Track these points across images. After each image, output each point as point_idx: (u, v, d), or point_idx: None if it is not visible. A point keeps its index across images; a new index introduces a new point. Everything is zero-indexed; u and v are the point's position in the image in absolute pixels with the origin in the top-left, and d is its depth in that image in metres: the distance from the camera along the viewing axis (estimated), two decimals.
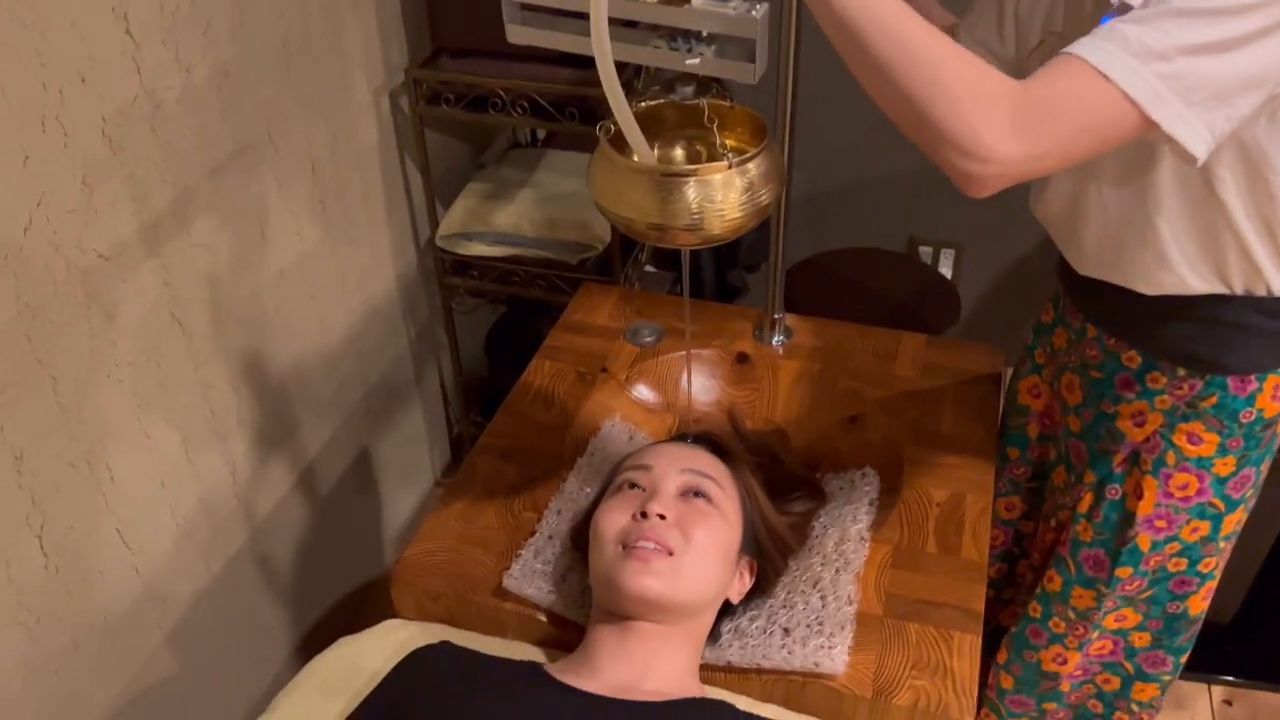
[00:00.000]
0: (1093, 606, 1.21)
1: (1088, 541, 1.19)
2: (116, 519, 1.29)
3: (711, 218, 0.87)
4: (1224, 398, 1.05)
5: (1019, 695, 1.34)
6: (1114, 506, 1.16)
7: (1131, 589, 1.19)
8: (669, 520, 0.98)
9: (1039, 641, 1.28)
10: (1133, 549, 1.15)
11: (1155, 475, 1.11)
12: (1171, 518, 1.12)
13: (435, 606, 1.15)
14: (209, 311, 1.39)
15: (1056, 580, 1.23)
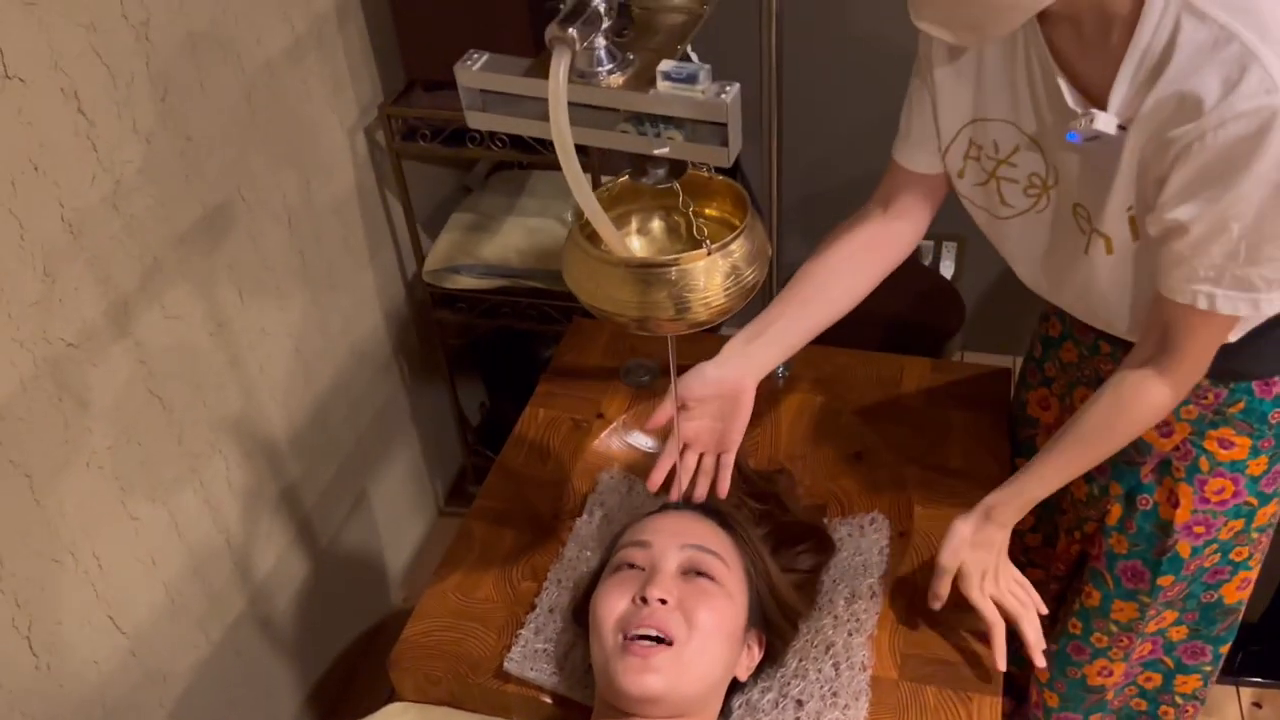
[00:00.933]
0: (1136, 618, 1.18)
1: (1123, 554, 1.15)
2: (107, 606, 1.26)
3: (697, 306, 0.83)
4: (1251, 402, 1.03)
5: (1064, 712, 1.31)
6: (1147, 517, 1.12)
7: (1173, 594, 1.17)
8: (670, 604, 0.94)
9: (1082, 658, 1.25)
10: (1174, 557, 1.12)
11: (1190, 482, 1.08)
12: (1209, 522, 1.10)
13: (436, 689, 1.11)
14: (188, 383, 1.35)
15: (1095, 595, 1.20)
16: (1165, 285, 0.88)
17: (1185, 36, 0.77)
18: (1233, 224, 0.80)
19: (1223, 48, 0.75)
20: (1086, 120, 0.84)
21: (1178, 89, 0.78)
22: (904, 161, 1.07)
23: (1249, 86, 0.74)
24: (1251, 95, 0.74)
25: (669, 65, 0.74)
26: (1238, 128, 0.75)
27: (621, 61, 0.78)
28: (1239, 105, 0.74)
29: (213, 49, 1.31)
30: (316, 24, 1.53)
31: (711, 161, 0.77)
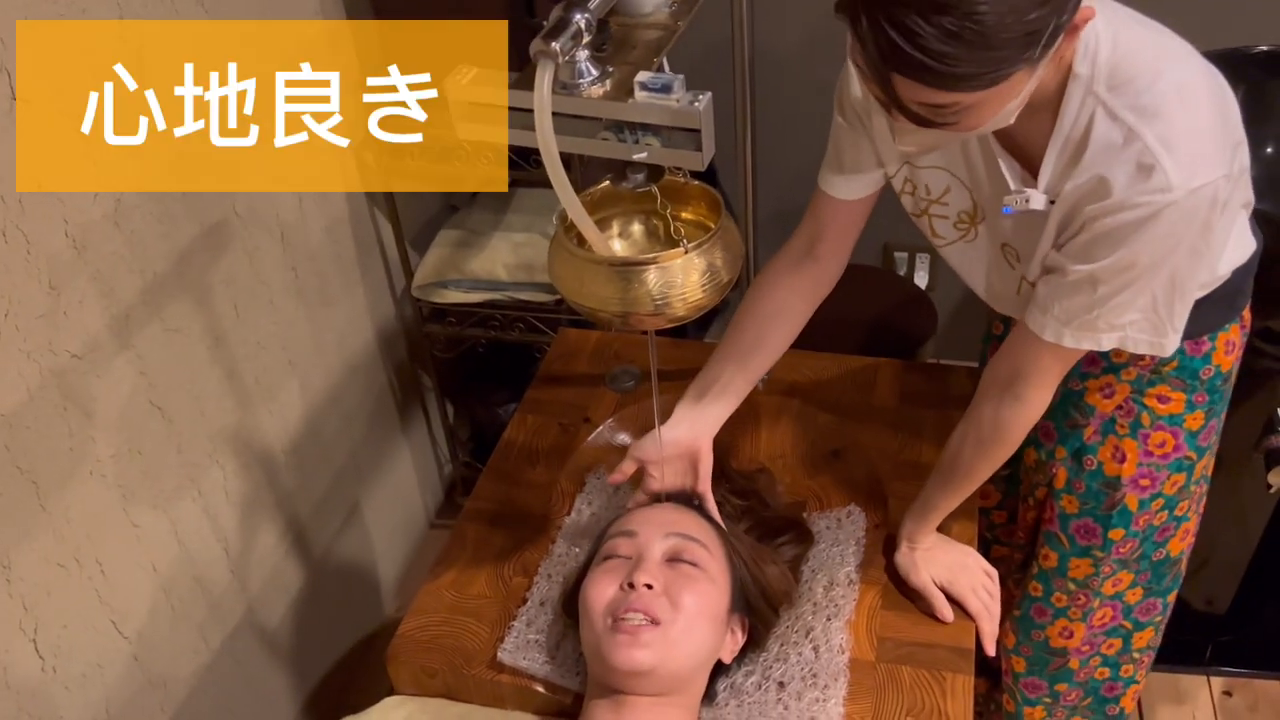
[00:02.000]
0: (1091, 574, 1.25)
1: (1075, 513, 1.23)
2: (111, 611, 1.29)
3: (675, 301, 0.88)
4: (1183, 360, 1.12)
5: (1031, 678, 1.38)
6: (1094, 475, 1.20)
7: (1125, 551, 1.23)
8: (656, 589, 0.99)
9: (1044, 619, 1.32)
10: (1123, 510, 1.20)
11: (1134, 437, 1.16)
12: (1154, 475, 1.18)
13: (432, 682, 1.15)
14: (188, 394, 1.39)
15: (1052, 557, 1.27)
16: (1031, 320, 1.00)
17: (1099, 131, 0.89)
18: (1089, 280, 0.94)
19: (1130, 146, 0.87)
20: (1021, 199, 0.95)
21: (1095, 173, 0.90)
22: (835, 193, 1.11)
23: (1150, 184, 0.87)
24: (1150, 192, 0.87)
25: (645, 76, 0.80)
26: (1134, 214, 0.88)
27: (601, 74, 0.83)
28: (1138, 198, 0.88)
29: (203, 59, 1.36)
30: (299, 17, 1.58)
31: (687, 165, 0.83)
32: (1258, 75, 1.48)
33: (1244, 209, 1.06)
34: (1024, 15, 0.75)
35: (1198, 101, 0.89)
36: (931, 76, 0.76)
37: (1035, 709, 1.40)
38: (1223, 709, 1.74)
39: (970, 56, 0.75)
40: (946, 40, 0.74)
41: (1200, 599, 1.79)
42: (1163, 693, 1.77)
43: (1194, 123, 0.88)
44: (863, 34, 0.77)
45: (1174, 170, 0.86)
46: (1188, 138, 0.87)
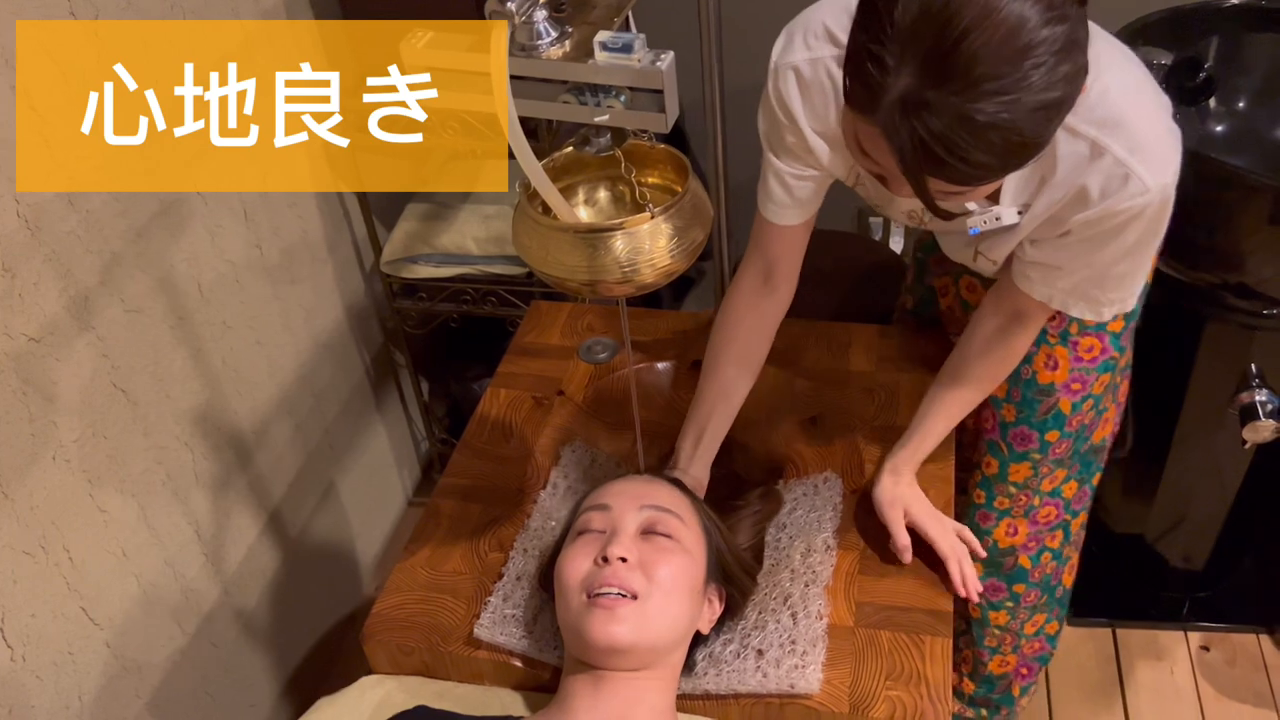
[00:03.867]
0: (1030, 475, 1.32)
1: (1013, 421, 1.29)
2: (80, 598, 1.27)
3: (644, 267, 0.87)
4: None
5: (990, 580, 1.42)
6: (1029, 385, 1.25)
7: (1061, 451, 1.30)
8: (631, 562, 0.98)
9: (989, 524, 1.37)
10: (1057, 414, 1.26)
11: (1065, 345, 1.22)
12: (1084, 378, 1.24)
13: (409, 660, 1.14)
14: (152, 376, 1.36)
15: (993, 464, 1.33)
16: (1028, 287, 1.07)
17: (1064, 150, 0.93)
18: (1088, 269, 1.02)
19: (1099, 159, 0.92)
20: (991, 218, 0.98)
21: (1070, 188, 0.95)
22: (780, 220, 1.14)
23: (1128, 191, 0.92)
24: (1130, 197, 0.93)
25: (606, 36, 0.78)
26: (1119, 218, 0.95)
27: (561, 34, 0.81)
28: (1121, 205, 0.93)
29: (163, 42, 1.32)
30: (265, 15, 1.54)
31: (651, 128, 0.81)
32: (1231, 28, 1.47)
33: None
34: (1054, 118, 0.77)
35: (1144, 102, 0.95)
36: (968, 179, 0.79)
37: (999, 613, 1.45)
38: (1201, 663, 1.75)
39: (1009, 163, 0.79)
40: (990, 152, 0.75)
41: (1178, 556, 1.81)
42: (1141, 649, 1.79)
43: (1149, 124, 0.93)
44: (899, 142, 0.76)
45: (1147, 174, 0.91)
46: (1149, 140, 0.92)
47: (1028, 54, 0.71)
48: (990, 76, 0.71)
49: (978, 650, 1.50)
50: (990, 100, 0.72)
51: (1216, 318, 1.46)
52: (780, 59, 1.01)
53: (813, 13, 1.00)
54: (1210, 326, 1.47)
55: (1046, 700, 1.74)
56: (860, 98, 0.78)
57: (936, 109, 0.73)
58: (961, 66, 0.71)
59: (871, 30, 0.74)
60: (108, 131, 0.99)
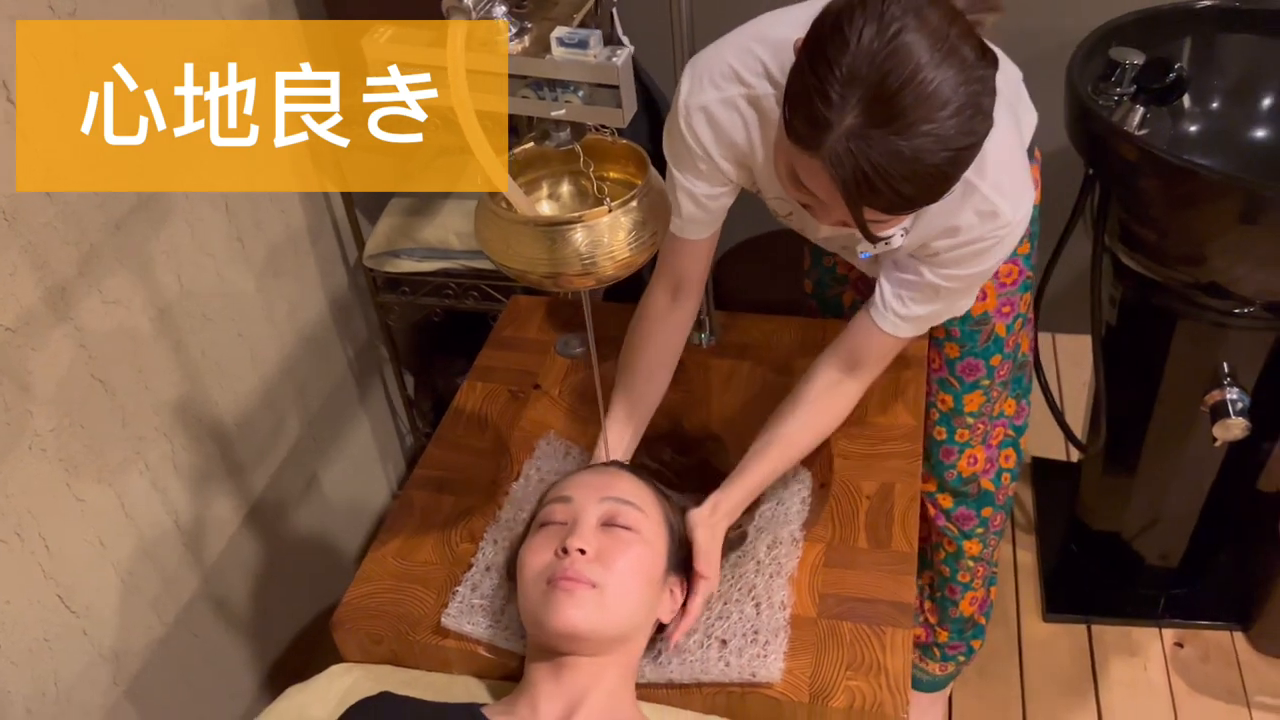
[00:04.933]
0: (984, 402, 1.43)
1: (958, 356, 1.39)
2: (57, 585, 1.28)
3: (603, 260, 0.88)
4: None
5: (959, 509, 1.52)
6: (965, 320, 1.35)
7: (1004, 373, 1.41)
8: (590, 554, 0.99)
9: (952, 458, 1.47)
10: (996, 339, 1.37)
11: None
12: (1011, 300, 1.36)
13: (378, 649, 1.16)
14: (131, 367, 1.37)
15: (948, 400, 1.43)
16: (880, 319, 1.15)
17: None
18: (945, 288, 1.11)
19: (970, 197, 1.03)
20: (881, 244, 1.05)
21: (944, 223, 1.05)
22: (692, 236, 1.20)
23: (994, 225, 1.05)
24: (995, 229, 1.05)
25: (562, 32, 0.79)
26: (982, 245, 1.06)
27: (520, 30, 0.82)
28: (986, 235, 1.05)
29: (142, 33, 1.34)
30: (248, 14, 1.55)
31: (608, 122, 0.82)
32: (1204, 29, 1.48)
33: (1018, 78, 1.22)
34: (968, 164, 0.90)
35: (1010, 147, 1.06)
36: (897, 208, 0.89)
37: (972, 541, 1.55)
38: (1174, 660, 1.77)
39: (931, 194, 0.89)
40: (915, 185, 0.86)
41: (1154, 553, 1.82)
42: (1116, 645, 1.80)
43: (1013, 161, 1.06)
44: (841, 174, 0.86)
45: (1008, 209, 1.04)
46: (1011, 177, 1.05)
47: (947, 106, 0.83)
48: (921, 120, 0.83)
49: (950, 589, 1.60)
50: (919, 140, 0.83)
51: (1188, 316, 1.48)
52: (689, 100, 1.07)
53: (714, 54, 1.07)
54: (1182, 324, 1.49)
55: (1020, 695, 1.75)
56: (804, 133, 0.86)
57: (876, 144, 0.83)
58: (898, 111, 0.83)
59: (820, 74, 0.84)
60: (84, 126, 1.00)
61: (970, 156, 0.89)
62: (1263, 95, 1.50)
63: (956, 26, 0.84)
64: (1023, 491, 2.07)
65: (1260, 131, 1.51)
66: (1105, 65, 1.44)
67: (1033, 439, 2.13)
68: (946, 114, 0.83)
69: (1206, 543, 1.79)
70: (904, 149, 0.83)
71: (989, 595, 1.64)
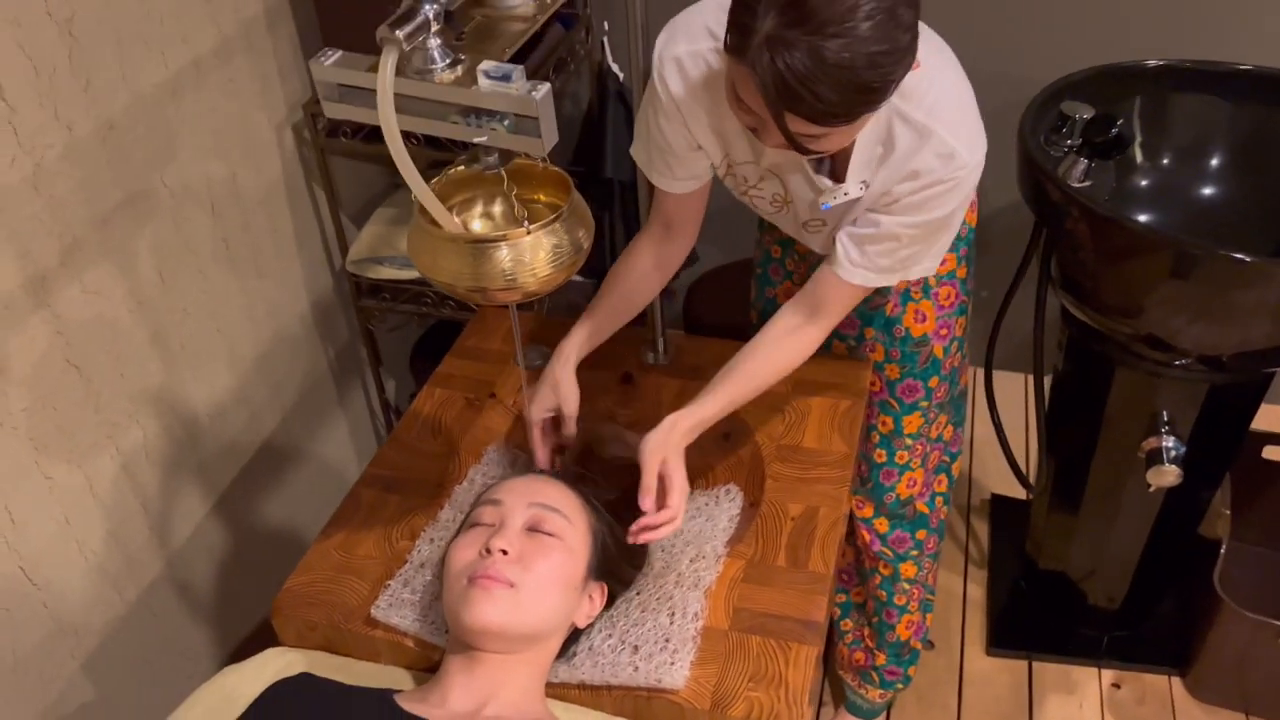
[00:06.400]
0: (922, 423, 1.49)
1: (898, 378, 1.46)
2: (19, 558, 1.35)
3: (525, 276, 0.94)
4: None
5: (894, 533, 1.58)
6: (905, 341, 1.43)
7: (941, 394, 1.48)
8: (511, 555, 1.05)
9: (891, 480, 1.53)
10: (934, 361, 1.44)
11: (928, 297, 1.41)
12: (948, 323, 1.43)
13: (314, 635, 1.21)
14: (108, 355, 1.44)
15: (888, 421, 1.49)
16: (845, 272, 1.19)
17: (899, 134, 1.10)
18: (906, 236, 1.15)
19: (928, 141, 1.08)
20: (840, 193, 1.13)
21: (904, 167, 1.10)
22: (669, 189, 1.27)
23: (952, 165, 1.09)
24: (953, 171, 1.10)
25: (488, 65, 0.86)
26: (942, 187, 1.11)
27: (453, 61, 0.89)
28: (945, 177, 1.10)
29: (136, 45, 1.42)
30: (245, 27, 1.63)
31: (530, 151, 0.89)
32: (1153, 89, 1.54)
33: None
34: (890, 74, 0.94)
35: (960, 90, 1.12)
36: (820, 115, 0.93)
37: (907, 564, 1.60)
38: (1110, 701, 1.80)
39: (851, 104, 0.93)
40: (835, 89, 0.91)
41: (1099, 595, 1.86)
42: (1054, 683, 1.84)
43: (965, 109, 1.11)
44: (763, 77, 0.91)
45: (965, 151, 1.09)
46: (966, 122, 1.10)
47: (858, 10, 0.88)
48: (833, 21, 0.88)
49: (886, 613, 1.64)
50: (833, 40, 0.88)
51: (1127, 364, 1.52)
52: (663, 51, 1.15)
53: (692, 13, 1.15)
54: (1120, 372, 1.53)
55: None
56: (735, 43, 0.93)
57: (792, 45, 0.89)
58: (809, 12, 0.88)
59: None
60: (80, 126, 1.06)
61: (892, 64, 0.92)
62: (1211, 154, 1.55)
63: None
64: (979, 527, 2.12)
65: (1208, 189, 1.56)
66: (1057, 117, 1.49)
67: (992, 476, 2.17)
68: (860, 16, 0.88)
69: (1149, 587, 1.82)
70: (820, 49, 0.88)
71: (924, 620, 1.69)
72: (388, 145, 0.84)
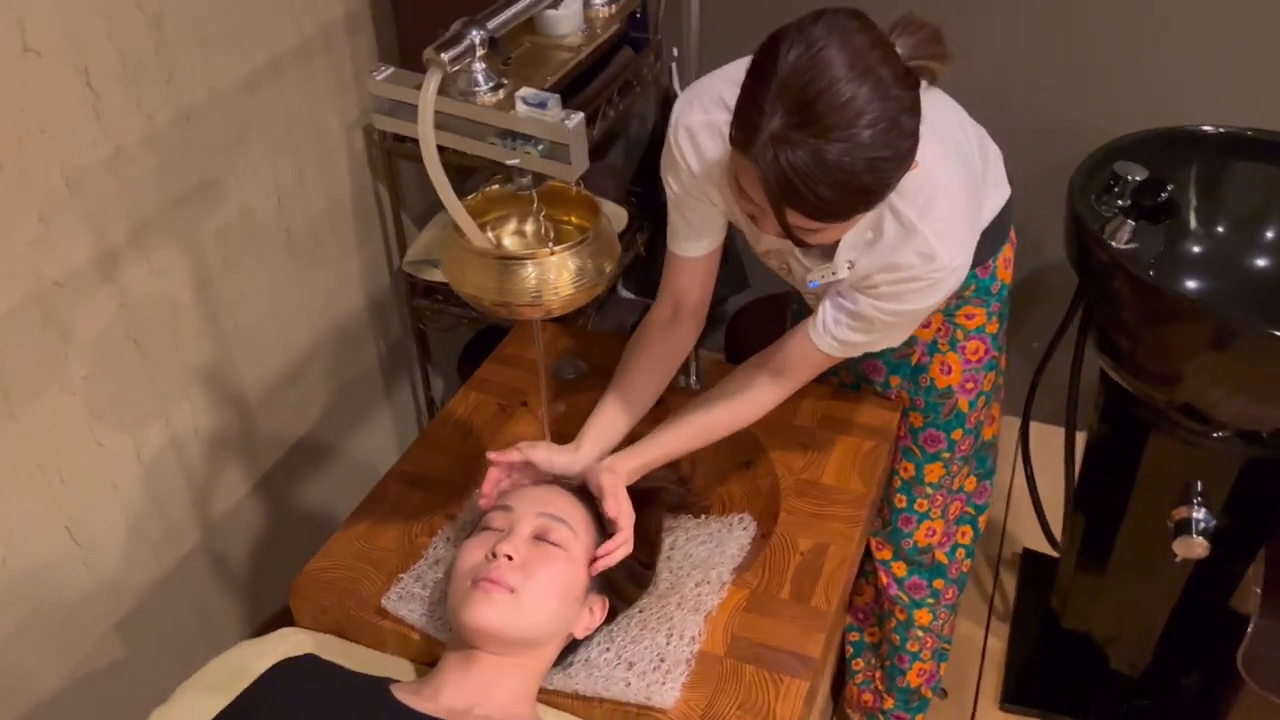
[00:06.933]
0: (944, 474, 1.50)
1: (921, 426, 1.47)
2: (66, 518, 1.43)
3: (549, 295, 0.98)
4: (979, 284, 1.37)
5: (912, 578, 1.59)
6: (930, 391, 1.44)
7: (965, 448, 1.49)
8: (515, 561, 1.08)
9: (910, 527, 1.54)
10: (958, 414, 1.45)
11: (955, 350, 1.42)
12: (975, 378, 1.43)
13: (326, 619, 1.26)
14: (166, 331, 1.52)
15: (910, 468, 1.51)
16: (814, 333, 1.22)
17: (888, 227, 1.12)
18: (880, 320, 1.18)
19: (913, 238, 1.11)
20: (828, 272, 1.16)
21: (886, 259, 1.13)
22: (685, 253, 1.28)
23: (931, 267, 1.11)
24: (932, 272, 1.12)
25: (527, 92, 0.90)
26: (919, 284, 1.13)
27: (496, 85, 0.93)
28: (923, 276, 1.12)
29: (221, 42, 1.49)
30: (325, 31, 1.71)
31: (560, 176, 0.92)
32: (1212, 155, 1.52)
33: (996, 160, 1.32)
34: (888, 179, 0.97)
35: (955, 192, 1.13)
36: (818, 213, 0.97)
37: (922, 611, 1.61)
38: None
39: (848, 204, 0.97)
40: (834, 189, 0.94)
41: (1120, 660, 1.82)
42: None
43: (956, 212, 1.13)
44: (766, 172, 0.94)
45: (945, 255, 1.11)
46: (953, 226, 1.12)
47: (862, 116, 0.91)
48: (837, 126, 0.91)
49: (898, 658, 1.64)
50: (836, 144, 0.91)
51: (1162, 430, 1.50)
52: (678, 118, 1.17)
53: (710, 81, 1.17)
54: (1155, 438, 1.51)
55: None
56: (741, 137, 0.96)
57: (796, 145, 0.92)
58: (816, 116, 0.91)
59: (754, 84, 0.94)
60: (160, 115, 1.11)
61: (891, 170, 0.95)
62: (1268, 225, 1.53)
63: (879, 50, 0.92)
64: (1007, 580, 2.09)
65: (1262, 261, 1.54)
66: (1110, 177, 1.48)
67: (1026, 530, 2.15)
68: (863, 124, 0.91)
69: (1174, 657, 1.79)
70: (822, 151, 0.91)
71: (938, 669, 1.68)
72: (424, 159, 0.88)
